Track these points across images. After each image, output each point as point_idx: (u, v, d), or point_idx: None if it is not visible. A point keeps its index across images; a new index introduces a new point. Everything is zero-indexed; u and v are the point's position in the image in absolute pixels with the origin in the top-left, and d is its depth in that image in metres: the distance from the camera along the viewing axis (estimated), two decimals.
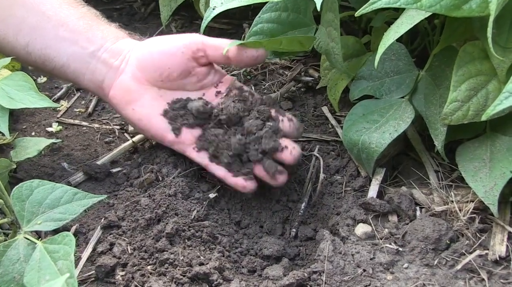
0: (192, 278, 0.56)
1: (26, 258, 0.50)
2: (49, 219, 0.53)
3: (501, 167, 0.59)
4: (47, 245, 0.51)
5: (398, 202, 0.63)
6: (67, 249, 0.49)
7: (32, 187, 0.54)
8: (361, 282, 0.56)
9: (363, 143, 0.64)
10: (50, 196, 0.54)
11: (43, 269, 0.49)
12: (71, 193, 0.56)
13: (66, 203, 0.55)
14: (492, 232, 0.60)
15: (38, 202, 0.54)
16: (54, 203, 0.54)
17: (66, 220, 0.54)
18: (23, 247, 0.51)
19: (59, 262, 0.49)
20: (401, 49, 0.69)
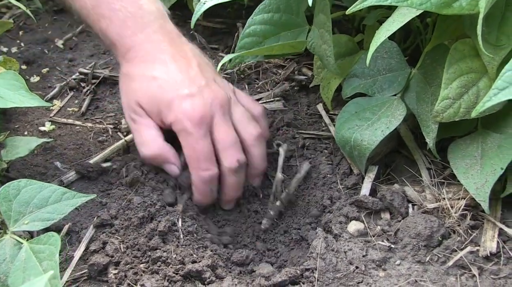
0: (185, 276, 0.56)
1: (12, 259, 0.50)
2: (36, 219, 0.54)
3: (492, 164, 0.60)
4: (33, 245, 0.51)
5: (391, 200, 0.64)
6: (52, 249, 0.49)
7: (20, 187, 0.54)
8: (354, 279, 0.57)
9: (355, 141, 0.65)
10: (38, 195, 0.54)
11: (28, 269, 0.49)
12: (59, 193, 0.56)
13: (55, 203, 0.55)
14: (483, 229, 0.61)
15: (25, 201, 0.54)
16: (42, 202, 0.54)
17: (54, 220, 0.54)
18: (10, 248, 0.51)
19: (44, 263, 0.49)
20: (393, 47, 0.70)
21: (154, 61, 0.68)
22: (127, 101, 0.69)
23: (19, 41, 1.09)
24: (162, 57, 0.68)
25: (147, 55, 0.69)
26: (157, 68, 0.67)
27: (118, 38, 0.69)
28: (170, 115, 0.65)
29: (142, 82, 0.67)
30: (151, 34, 0.69)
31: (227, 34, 1.07)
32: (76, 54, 1.05)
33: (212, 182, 0.66)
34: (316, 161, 0.72)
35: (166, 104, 0.65)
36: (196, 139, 0.63)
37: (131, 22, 0.69)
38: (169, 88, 0.66)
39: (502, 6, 0.58)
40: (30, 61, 1.03)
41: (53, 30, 1.12)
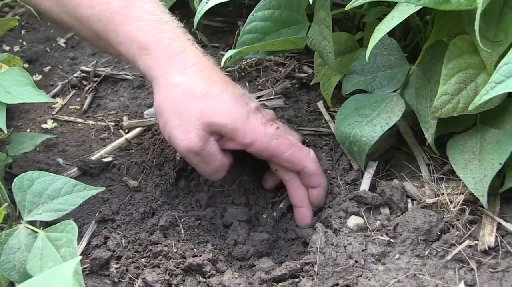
0: (186, 270, 0.57)
1: (27, 247, 0.52)
2: (49, 210, 0.55)
3: (490, 159, 0.60)
4: (49, 233, 0.52)
5: (390, 195, 0.64)
6: (69, 236, 0.51)
7: (33, 178, 0.55)
8: (353, 273, 0.58)
9: (354, 136, 0.65)
10: (50, 187, 0.56)
11: (45, 256, 0.50)
12: (71, 185, 0.57)
13: (66, 195, 0.56)
14: (482, 223, 0.61)
15: (38, 192, 0.55)
16: (54, 194, 0.56)
17: (66, 211, 0.56)
18: (24, 236, 0.53)
19: (62, 250, 0.50)
20: (392, 43, 0.70)
21: (209, 73, 0.63)
22: (185, 124, 0.60)
23: (21, 40, 1.10)
24: (213, 69, 0.64)
25: (199, 66, 0.63)
26: (217, 82, 0.62)
27: (155, 40, 0.63)
28: (251, 130, 0.60)
29: (209, 100, 0.60)
30: (190, 43, 0.65)
31: (228, 32, 1.08)
32: (78, 52, 1.06)
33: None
34: (316, 157, 0.73)
35: (243, 120, 0.60)
36: (285, 137, 0.63)
37: (167, 26, 0.64)
38: (239, 103, 0.61)
39: (500, 3, 0.58)
40: (33, 60, 1.04)
41: (55, 29, 1.13)
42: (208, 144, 0.60)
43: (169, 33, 0.64)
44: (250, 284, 0.55)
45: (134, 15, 0.64)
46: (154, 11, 0.65)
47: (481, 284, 0.55)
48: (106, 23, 0.64)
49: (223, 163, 0.63)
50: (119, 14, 0.64)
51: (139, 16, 0.64)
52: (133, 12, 0.64)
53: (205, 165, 0.62)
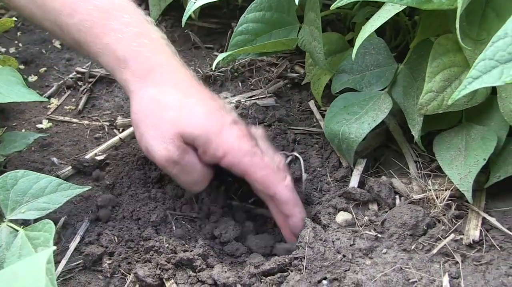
0: (177, 264, 0.58)
1: (8, 245, 0.53)
2: (32, 208, 0.56)
3: (475, 155, 0.62)
4: (28, 232, 0.53)
5: (378, 191, 0.66)
6: (47, 235, 0.51)
7: (17, 177, 0.57)
8: (341, 267, 0.59)
9: (343, 134, 0.67)
10: (34, 186, 0.57)
11: (23, 255, 0.51)
12: (55, 184, 0.58)
13: (50, 193, 0.57)
14: (467, 218, 0.63)
15: (22, 191, 0.56)
16: (38, 192, 0.57)
17: (49, 210, 0.57)
18: (6, 235, 0.54)
19: (39, 249, 0.51)
20: (380, 43, 0.72)
21: (185, 86, 0.63)
22: (160, 135, 0.60)
23: (17, 42, 1.12)
24: (190, 82, 0.64)
25: (175, 79, 0.63)
26: (193, 95, 0.62)
27: (134, 54, 0.62)
28: (223, 143, 0.60)
29: (182, 111, 0.60)
30: (170, 56, 0.65)
31: (222, 33, 1.10)
32: (73, 54, 1.08)
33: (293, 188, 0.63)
34: (307, 155, 0.75)
35: (216, 133, 0.60)
36: (261, 156, 0.61)
37: (147, 39, 0.64)
38: (213, 115, 0.61)
39: (483, 4, 0.60)
40: (28, 61, 1.06)
41: None
42: (186, 153, 0.60)
43: (147, 46, 0.63)
44: (240, 278, 0.57)
45: (113, 27, 0.63)
46: (134, 23, 0.64)
47: (465, 276, 0.56)
48: (86, 33, 0.63)
49: (204, 173, 0.62)
50: (98, 25, 0.63)
51: (119, 28, 0.63)
52: (113, 24, 0.63)
53: (185, 175, 0.61)
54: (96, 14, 0.63)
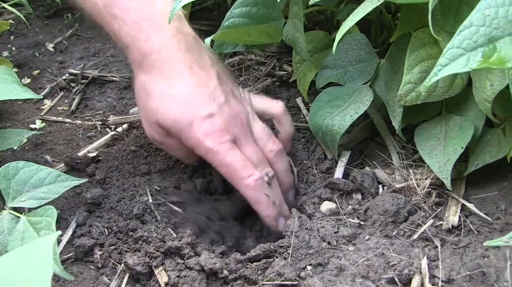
0: (165, 253, 0.61)
1: (10, 231, 0.55)
2: (32, 197, 0.59)
3: (453, 144, 0.65)
4: (30, 217, 0.56)
5: (361, 181, 0.69)
6: (49, 220, 0.54)
7: (18, 167, 0.60)
8: (325, 254, 0.61)
9: (326, 126, 0.70)
10: (34, 176, 0.60)
11: (26, 239, 0.54)
12: (54, 175, 0.61)
13: (50, 184, 0.60)
14: (447, 205, 0.66)
15: (23, 181, 0.59)
16: (38, 183, 0.60)
17: (48, 199, 0.60)
18: (7, 221, 0.56)
19: (42, 232, 0.54)
20: (362, 39, 0.75)
21: (172, 74, 0.65)
22: (146, 119, 0.68)
23: (10, 46, 1.15)
24: (181, 68, 0.66)
25: (165, 67, 0.66)
26: (176, 85, 0.65)
27: (132, 42, 0.67)
28: (191, 137, 0.64)
29: (160, 101, 0.65)
30: (168, 39, 0.67)
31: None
32: (67, 56, 1.11)
33: (263, 188, 0.64)
34: (293, 148, 0.77)
35: (186, 127, 0.64)
36: (224, 153, 0.63)
37: (146, 24, 0.67)
38: (188, 108, 0.64)
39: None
40: (21, 64, 1.08)
41: (44, 35, 1.18)
42: (166, 137, 0.67)
43: (146, 31, 0.66)
44: (226, 265, 0.59)
45: (115, 14, 0.67)
46: (137, 5, 0.67)
47: (444, 259, 0.59)
48: (97, 17, 0.70)
49: (187, 152, 0.68)
50: (104, 13, 0.68)
51: (120, 16, 0.67)
52: (115, 11, 0.67)
53: (172, 152, 0.71)
54: (100, 1, 0.67)
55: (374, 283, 0.58)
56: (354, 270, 0.59)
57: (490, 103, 0.60)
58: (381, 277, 0.58)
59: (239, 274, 0.58)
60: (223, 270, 0.58)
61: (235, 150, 0.64)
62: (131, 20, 0.67)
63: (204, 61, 0.68)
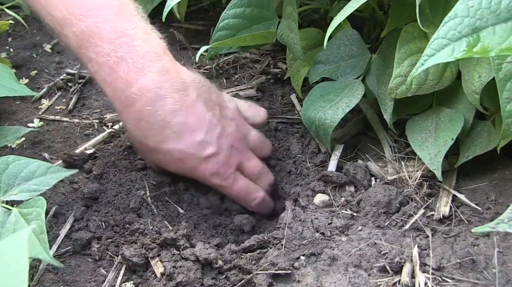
0: (161, 244, 0.62)
1: (3, 224, 0.57)
2: (24, 190, 0.60)
3: (444, 136, 0.66)
4: (22, 209, 0.57)
5: (354, 173, 0.70)
6: (38, 210, 0.55)
7: (8, 162, 0.61)
8: (318, 245, 0.63)
9: (319, 120, 0.71)
10: (25, 169, 0.61)
11: (17, 230, 0.55)
12: (44, 167, 0.62)
13: (40, 176, 0.61)
14: (439, 196, 0.67)
15: (14, 175, 0.60)
16: (29, 176, 0.61)
17: (40, 191, 0.61)
18: (0, 214, 0.58)
19: (32, 223, 0.54)
20: (354, 35, 0.77)
21: (163, 128, 0.65)
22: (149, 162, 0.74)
23: (8, 47, 1.16)
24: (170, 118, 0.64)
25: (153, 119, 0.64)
26: (170, 138, 0.65)
27: (110, 88, 0.64)
28: (198, 177, 0.70)
29: (159, 155, 0.68)
30: (149, 84, 0.63)
31: (208, 35, 1.12)
32: (64, 57, 1.13)
33: (265, 203, 0.72)
34: (288, 142, 0.79)
35: (191, 171, 0.69)
36: (230, 187, 0.69)
37: (123, 69, 0.63)
38: (189, 157, 0.66)
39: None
40: (19, 65, 1.10)
41: (42, 36, 1.20)
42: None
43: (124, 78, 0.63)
44: (221, 255, 0.60)
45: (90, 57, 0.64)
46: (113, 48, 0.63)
47: (434, 248, 0.60)
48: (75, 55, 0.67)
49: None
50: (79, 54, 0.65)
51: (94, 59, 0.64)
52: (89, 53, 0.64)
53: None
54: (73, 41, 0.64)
55: (366, 272, 0.59)
56: (347, 259, 0.60)
57: (479, 95, 0.62)
58: (373, 265, 0.59)
59: (234, 264, 0.59)
60: (217, 260, 0.59)
61: (239, 179, 0.70)
62: (106, 66, 0.63)
63: (190, 95, 0.66)
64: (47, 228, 0.69)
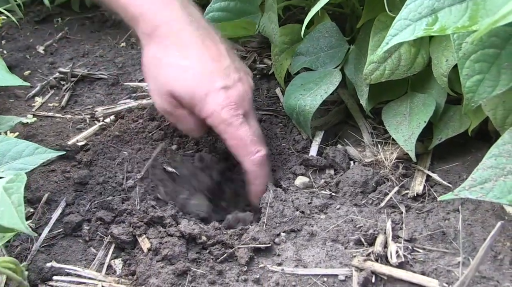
0: (148, 223, 0.66)
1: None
2: (11, 168, 0.63)
3: (417, 119, 0.71)
4: (6, 185, 0.60)
5: (333, 156, 0.74)
6: (19, 184, 0.58)
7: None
8: (298, 222, 0.67)
9: (299, 107, 0.76)
10: (13, 149, 0.64)
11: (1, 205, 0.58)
12: (32, 148, 0.66)
13: (27, 156, 0.65)
14: (413, 177, 0.71)
15: (2, 153, 0.64)
16: (16, 155, 0.64)
17: (26, 170, 0.64)
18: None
19: (13, 196, 0.57)
20: (332, 27, 0.82)
21: (187, 46, 0.68)
22: (157, 89, 0.70)
23: (1, 49, 1.21)
24: (194, 41, 0.68)
25: (178, 38, 0.68)
26: (190, 56, 0.68)
27: (141, 13, 0.69)
28: (206, 108, 0.67)
29: (175, 71, 0.68)
30: (178, 12, 0.69)
31: None
32: (57, 58, 1.17)
33: (265, 164, 0.70)
34: (271, 131, 0.83)
35: (201, 97, 0.67)
36: (237, 127, 0.67)
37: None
38: (204, 79, 0.67)
39: None
40: (13, 66, 1.15)
41: (35, 38, 1.25)
42: (178, 107, 0.69)
43: (156, 4, 0.69)
44: (205, 231, 0.64)
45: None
46: None
47: (408, 222, 0.64)
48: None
49: (196, 124, 0.71)
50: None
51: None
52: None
53: (180, 124, 0.73)
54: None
55: (343, 245, 0.63)
56: (325, 235, 0.65)
57: (446, 77, 0.66)
58: (349, 239, 0.63)
59: (217, 239, 0.63)
60: (201, 235, 0.63)
61: (246, 124, 0.68)
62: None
63: (214, 37, 0.71)
64: (39, 214, 0.74)
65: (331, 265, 0.61)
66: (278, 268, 0.61)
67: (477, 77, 0.57)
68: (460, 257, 0.59)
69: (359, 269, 0.59)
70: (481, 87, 0.57)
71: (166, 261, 0.61)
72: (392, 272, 0.58)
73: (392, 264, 0.59)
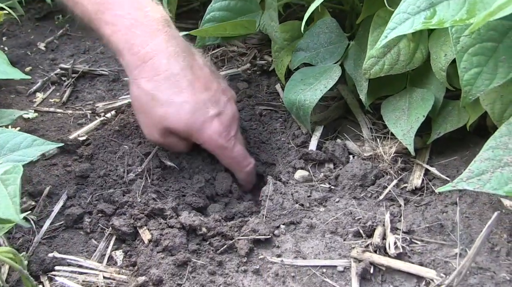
0: (149, 215, 0.67)
1: None
2: (10, 160, 0.64)
3: (416, 113, 0.72)
4: (2, 176, 0.61)
5: (332, 150, 0.75)
6: (15, 176, 0.59)
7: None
8: (298, 215, 0.68)
9: (299, 101, 0.77)
10: (11, 141, 0.65)
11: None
12: (30, 140, 0.67)
13: (26, 148, 0.66)
14: (412, 171, 0.72)
15: (0, 145, 0.64)
16: (14, 147, 0.65)
17: (25, 161, 0.64)
18: None
19: (9, 187, 0.58)
20: (332, 23, 0.83)
21: (178, 81, 0.70)
22: (151, 124, 0.73)
23: (3, 46, 1.22)
24: (184, 74, 0.70)
25: (169, 72, 0.70)
26: (183, 90, 0.70)
27: (127, 46, 0.70)
28: (202, 136, 0.72)
29: (171, 108, 0.70)
30: (164, 44, 0.70)
31: None
32: (58, 54, 1.18)
33: (254, 171, 0.78)
34: (271, 126, 0.84)
35: (198, 128, 0.71)
36: (231, 149, 0.74)
37: (139, 30, 0.70)
38: (198, 111, 0.71)
39: None
40: (14, 62, 1.15)
41: (36, 35, 1.26)
42: (169, 137, 0.74)
43: (140, 37, 0.70)
44: (205, 223, 0.65)
45: (107, 20, 0.71)
46: (128, 12, 0.70)
47: (406, 215, 0.65)
48: (89, 22, 0.74)
49: (185, 146, 0.77)
50: (95, 19, 0.72)
51: (112, 22, 0.71)
52: (106, 18, 0.71)
53: (172, 148, 0.78)
54: (89, 7, 0.72)
55: (342, 237, 0.64)
56: (324, 227, 0.65)
57: (445, 72, 0.67)
58: (348, 231, 0.64)
59: (217, 231, 0.64)
60: (202, 227, 0.64)
61: (237, 144, 0.75)
62: (124, 26, 0.70)
63: (198, 61, 0.74)
64: (41, 207, 0.75)
65: (330, 257, 0.61)
66: (277, 259, 0.62)
67: (475, 70, 0.58)
68: (458, 249, 0.60)
69: (358, 260, 0.60)
70: (479, 80, 0.58)
71: (167, 252, 0.62)
72: (390, 263, 0.59)
73: (390, 255, 0.60)
